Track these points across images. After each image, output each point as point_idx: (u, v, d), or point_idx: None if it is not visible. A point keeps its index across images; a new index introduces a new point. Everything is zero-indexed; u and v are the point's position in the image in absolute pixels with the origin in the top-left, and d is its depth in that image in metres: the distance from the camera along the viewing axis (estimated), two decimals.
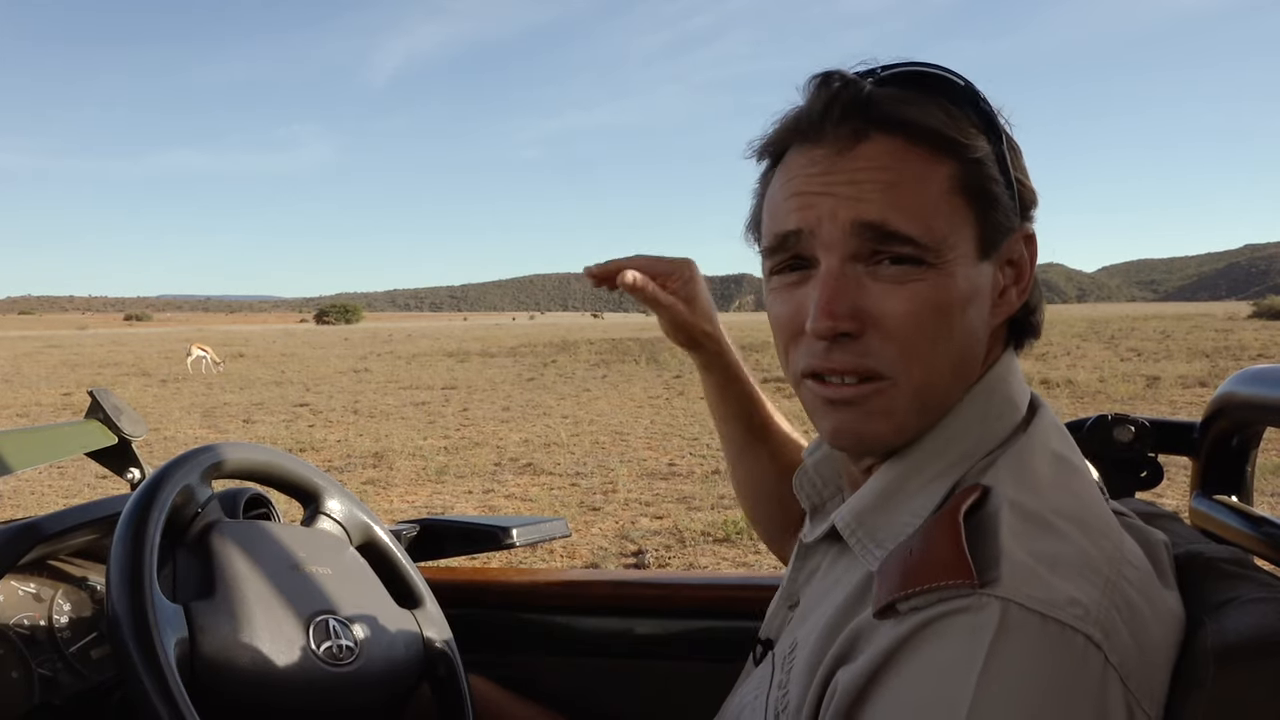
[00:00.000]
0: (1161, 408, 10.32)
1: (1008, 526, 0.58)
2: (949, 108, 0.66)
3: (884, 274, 0.64)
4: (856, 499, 0.70)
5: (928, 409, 0.67)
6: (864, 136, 0.65)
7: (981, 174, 0.66)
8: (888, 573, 0.61)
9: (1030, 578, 0.55)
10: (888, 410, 0.66)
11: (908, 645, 0.55)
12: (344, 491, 1.21)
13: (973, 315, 0.66)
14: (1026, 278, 0.69)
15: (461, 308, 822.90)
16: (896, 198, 0.63)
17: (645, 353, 23.38)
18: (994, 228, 0.66)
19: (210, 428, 10.95)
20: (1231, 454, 1.03)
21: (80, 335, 53.52)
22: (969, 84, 0.68)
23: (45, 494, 6.88)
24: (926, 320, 0.64)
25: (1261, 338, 22.40)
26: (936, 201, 0.64)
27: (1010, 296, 0.69)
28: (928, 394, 0.66)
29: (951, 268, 0.64)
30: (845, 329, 0.65)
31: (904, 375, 0.65)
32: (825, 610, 0.68)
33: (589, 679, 1.39)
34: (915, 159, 0.64)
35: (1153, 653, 0.57)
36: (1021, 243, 0.69)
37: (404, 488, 7.06)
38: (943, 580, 0.56)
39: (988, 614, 0.53)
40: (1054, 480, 0.63)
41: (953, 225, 0.65)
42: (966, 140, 0.65)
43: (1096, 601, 0.55)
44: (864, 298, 0.64)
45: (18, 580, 1.10)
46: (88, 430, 1.36)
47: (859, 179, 0.64)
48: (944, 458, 0.67)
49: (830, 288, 0.65)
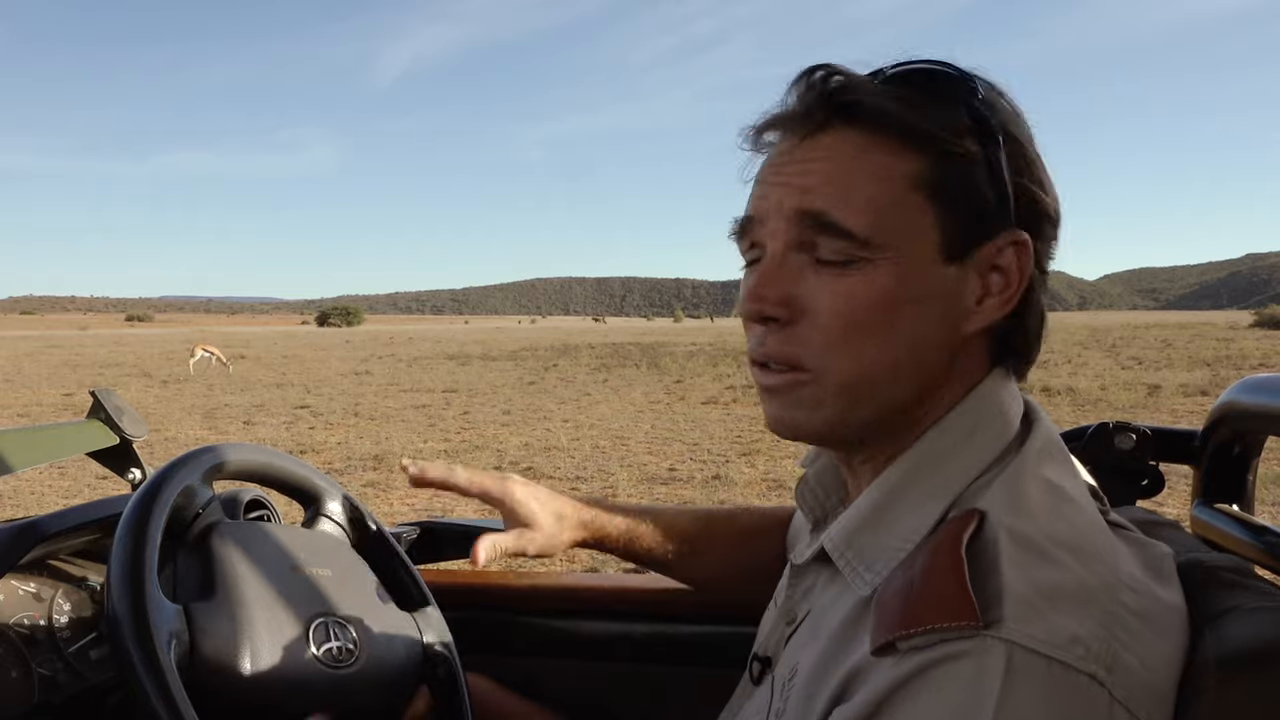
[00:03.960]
0: (1163, 416, 10.31)
1: (1007, 557, 0.57)
2: (932, 104, 0.64)
3: (822, 266, 0.64)
4: (846, 519, 0.69)
5: (860, 405, 0.65)
6: (827, 127, 0.65)
7: (955, 173, 0.63)
8: (887, 607, 0.59)
9: (1032, 616, 0.53)
10: (814, 402, 0.66)
11: (909, 687, 0.54)
12: (344, 493, 1.21)
13: (922, 317, 0.64)
14: (1014, 287, 0.66)
15: (463, 311, 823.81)
16: (844, 188, 0.63)
17: (646, 357, 23.39)
18: (965, 230, 0.64)
19: (211, 429, 10.95)
20: (1233, 463, 1.03)
21: (81, 335, 53.58)
22: (970, 82, 0.65)
23: (46, 494, 6.88)
24: (859, 315, 0.63)
25: (1263, 347, 22.39)
26: (891, 195, 0.63)
27: (989, 306, 0.66)
28: (857, 390, 0.65)
29: (898, 265, 0.63)
30: (771, 313, 0.65)
31: (828, 369, 0.65)
32: (821, 636, 0.67)
33: (588, 682, 1.39)
34: (875, 151, 0.64)
35: (1158, 671, 0.57)
36: (1011, 249, 0.65)
37: (404, 490, 7.06)
38: (945, 621, 0.54)
39: (993, 658, 0.52)
40: (1048, 504, 0.62)
41: (906, 222, 0.63)
42: (940, 136, 0.63)
43: (1096, 635, 0.54)
44: (801, 287, 0.65)
45: (18, 580, 1.11)
46: (89, 430, 1.36)
47: (811, 169, 0.65)
48: (934, 477, 0.66)
49: (763, 273, 0.66)
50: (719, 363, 20.73)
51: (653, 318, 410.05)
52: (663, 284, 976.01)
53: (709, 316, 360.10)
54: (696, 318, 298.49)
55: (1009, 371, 0.70)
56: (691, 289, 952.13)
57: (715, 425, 10.34)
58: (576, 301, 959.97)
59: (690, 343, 33.84)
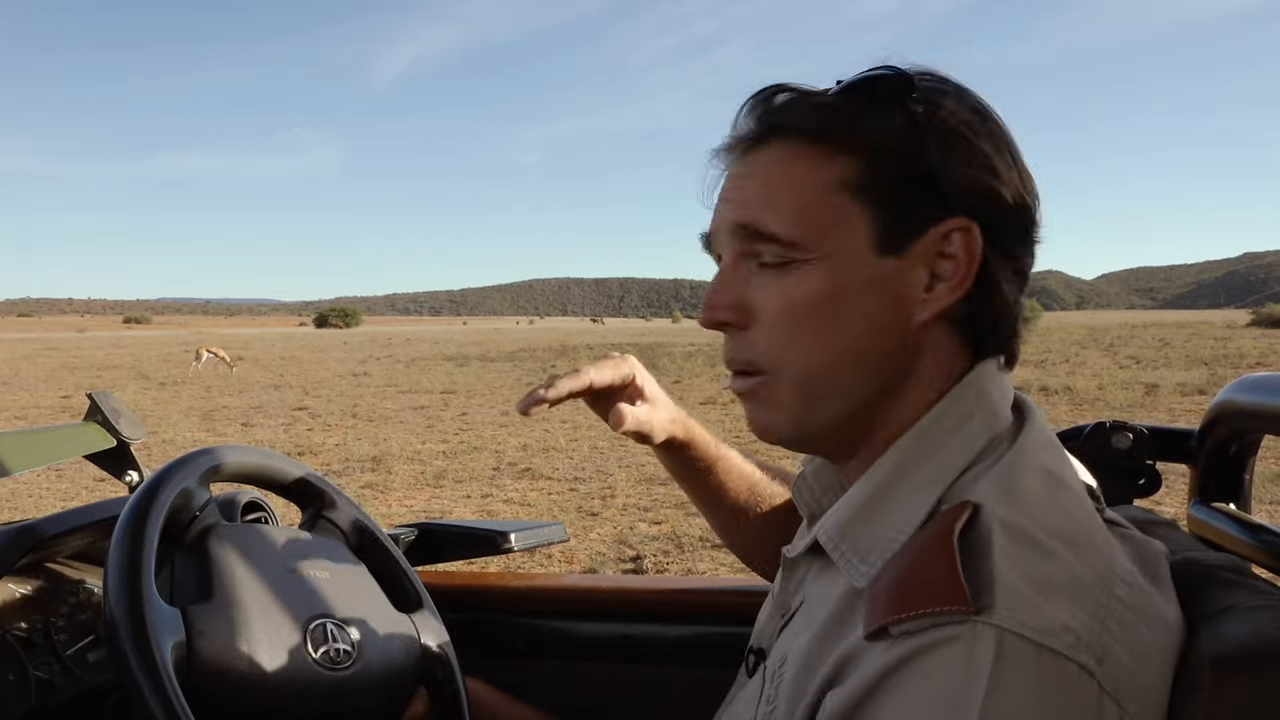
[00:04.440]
0: (1160, 415, 10.33)
1: (999, 547, 0.57)
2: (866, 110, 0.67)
3: (764, 271, 0.69)
4: (838, 510, 0.70)
5: (820, 400, 0.68)
6: (762, 142, 0.70)
7: (884, 171, 0.66)
8: (879, 593, 0.60)
9: (1024, 604, 0.54)
10: (774, 402, 0.70)
11: (901, 671, 0.55)
12: (342, 495, 1.21)
13: (865, 309, 0.66)
14: (961, 273, 0.67)
15: (461, 312, 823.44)
16: (769, 198, 0.68)
17: (644, 358, 23.33)
18: (896, 224, 0.66)
19: (209, 431, 10.94)
20: (1230, 461, 1.03)
21: (79, 337, 53.52)
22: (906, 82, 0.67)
23: (43, 496, 6.87)
24: (800, 313, 0.67)
25: (1260, 345, 22.43)
26: (815, 200, 0.67)
27: (939, 291, 0.67)
28: (811, 385, 0.68)
29: (830, 263, 0.66)
30: (723, 319, 0.70)
31: (780, 368, 0.68)
32: (812, 625, 0.68)
33: (587, 684, 1.39)
34: (801, 161, 0.68)
35: (1149, 668, 0.57)
36: (956, 235, 0.66)
37: (402, 492, 7.06)
38: (937, 605, 0.55)
39: (983, 643, 0.53)
40: (1043, 497, 0.62)
41: (832, 221, 0.66)
42: (865, 140, 0.66)
43: (1087, 626, 0.55)
44: (749, 293, 0.70)
45: (15, 582, 1.10)
46: (86, 433, 1.36)
47: (745, 184, 0.70)
48: (924, 468, 0.67)
49: (716, 283, 0.71)
50: (717, 363, 20.70)
51: (651, 318, 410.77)
52: (661, 285, 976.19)
53: None
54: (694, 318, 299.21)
55: (997, 363, 0.71)
56: (690, 290, 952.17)
57: (714, 425, 10.25)
58: (575, 302, 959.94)
59: (688, 343, 33.86)
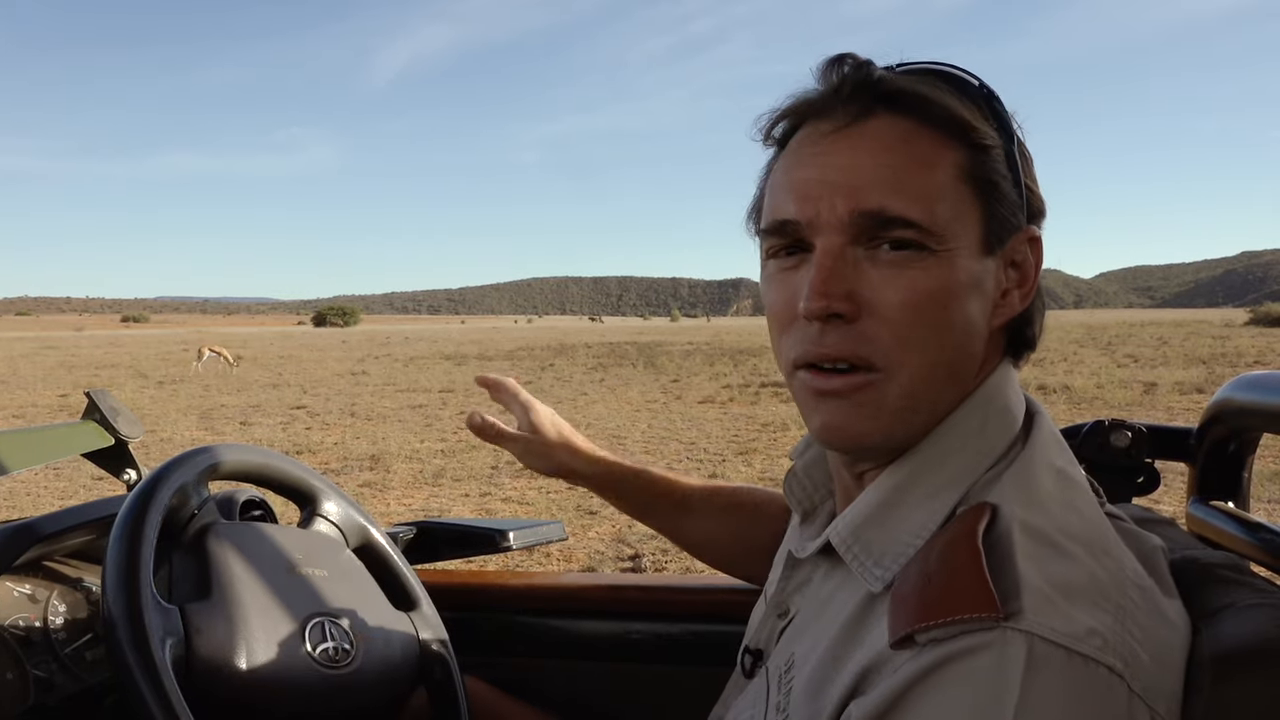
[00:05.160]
0: (1158, 414, 10.33)
1: (1021, 550, 0.56)
2: (962, 97, 0.65)
3: (883, 259, 0.62)
4: (852, 512, 0.68)
5: (918, 409, 0.65)
6: (871, 113, 0.64)
7: (991, 165, 0.64)
8: (904, 600, 0.59)
9: (1050, 609, 0.53)
10: (876, 404, 0.64)
11: (930, 679, 0.53)
12: (340, 494, 1.21)
13: (972, 310, 0.64)
14: (1030, 281, 0.68)
15: (459, 311, 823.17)
16: (899, 180, 0.62)
17: (643, 357, 23.39)
18: (1000, 222, 0.65)
19: (207, 429, 10.93)
20: (1228, 460, 1.03)
21: (77, 336, 53.47)
22: (984, 83, 0.67)
23: (41, 495, 6.86)
24: (925, 308, 0.62)
25: (1258, 344, 22.45)
26: (943, 186, 0.63)
27: (1013, 299, 0.67)
28: (919, 390, 0.64)
29: (953, 256, 0.62)
30: (839, 309, 0.62)
31: (897, 366, 0.63)
32: (825, 630, 0.66)
33: (585, 682, 1.39)
34: (923, 140, 0.63)
35: (1169, 668, 0.57)
36: (1026, 245, 0.67)
37: (401, 490, 7.06)
38: (965, 613, 0.54)
39: (1014, 649, 0.52)
40: (1058, 497, 0.62)
41: (958, 213, 0.63)
42: (976, 128, 0.64)
43: (1112, 629, 0.54)
44: (861, 282, 0.63)
45: (13, 581, 1.10)
46: (84, 431, 1.35)
47: (860, 161, 0.63)
48: (943, 471, 0.65)
49: (826, 268, 0.63)
50: (715, 362, 20.72)
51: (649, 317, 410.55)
52: (659, 283, 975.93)
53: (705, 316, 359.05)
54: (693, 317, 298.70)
55: (1012, 364, 0.71)
56: (688, 288, 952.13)
57: (712, 424, 10.34)
58: (573, 301, 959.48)
59: (687, 342, 33.86)
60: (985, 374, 0.68)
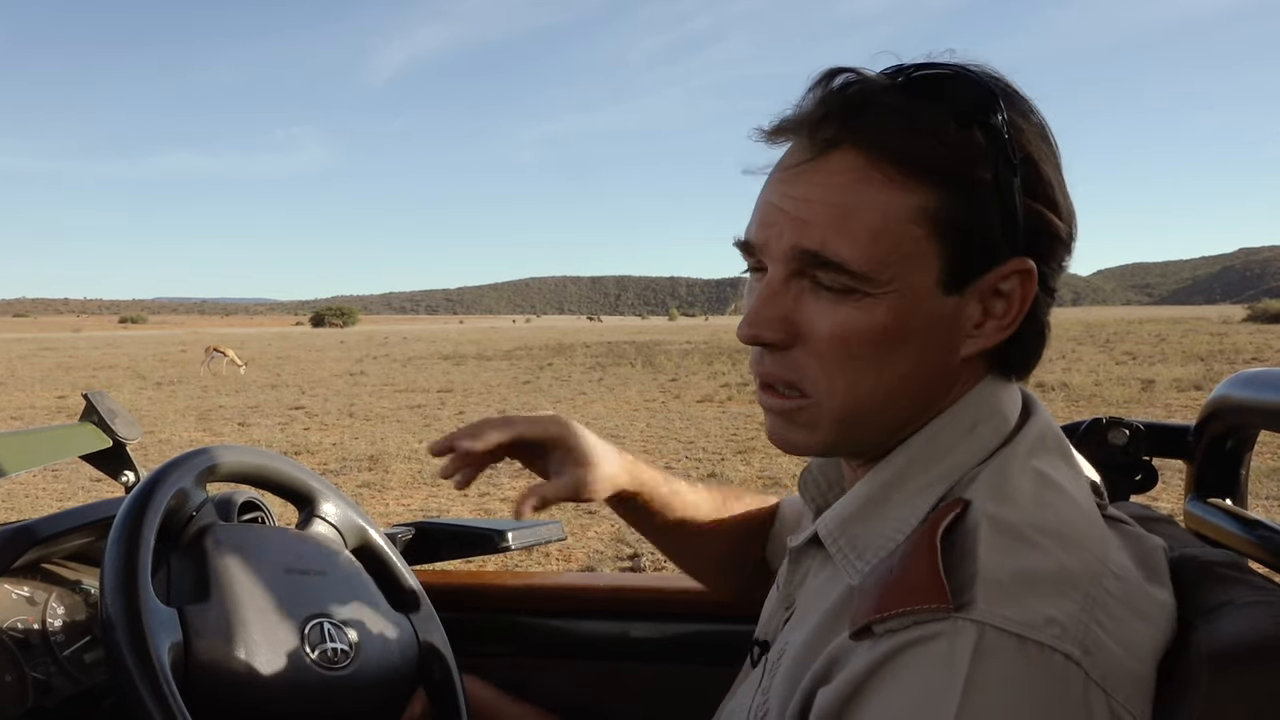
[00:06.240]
0: (1156, 411, 10.35)
1: (985, 543, 0.57)
2: (946, 127, 0.62)
3: (822, 293, 0.64)
4: (841, 506, 0.70)
5: (856, 428, 0.67)
6: (836, 145, 0.63)
7: (960, 204, 0.62)
8: (867, 592, 0.61)
9: (1005, 598, 0.54)
10: (810, 424, 0.67)
11: (883, 669, 0.55)
12: (339, 495, 1.21)
13: (919, 347, 0.64)
14: (1013, 313, 0.65)
15: (457, 311, 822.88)
16: (843, 222, 0.62)
17: (641, 356, 23.40)
18: (966, 262, 0.63)
19: (205, 430, 10.92)
20: (1226, 457, 1.03)
21: (75, 338, 53.42)
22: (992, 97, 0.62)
23: (39, 497, 6.85)
24: (855, 346, 0.63)
25: (1256, 341, 22.48)
26: (891, 229, 0.61)
27: (988, 329, 0.65)
28: (853, 415, 0.66)
29: (896, 298, 0.62)
30: (767, 339, 0.66)
31: (824, 395, 0.65)
32: (811, 620, 0.68)
33: (585, 682, 1.39)
34: (876, 181, 0.62)
35: (1140, 659, 0.57)
36: (1015, 278, 0.64)
37: (399, 491, 7.05)
38: (917, 604, 0.55)
39: (963, 638, 0.53)
40: (1034, 493, 0.62)
41: (905, 255, 0.62)
42: (946, 168, 0.61)
43: (1074, 617, 0.55)
44: (800, 313, 0.65)
45: (11, 583, 1.10)
46: (82, 433, 1.35)
47: (812, 196, 0.63)
48: (930, 470, 0.67)
49: (762, 298, 0.66)
50: (714, 361, 20.74)
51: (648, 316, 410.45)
52: (658, 283, 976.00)
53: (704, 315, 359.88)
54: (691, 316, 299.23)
55: (1009, 374, 0.70)
56: (686, 287, 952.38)
57: (711, 424, 10.35)
58: (571, 301, 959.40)
59: (685, 341, 33.87)
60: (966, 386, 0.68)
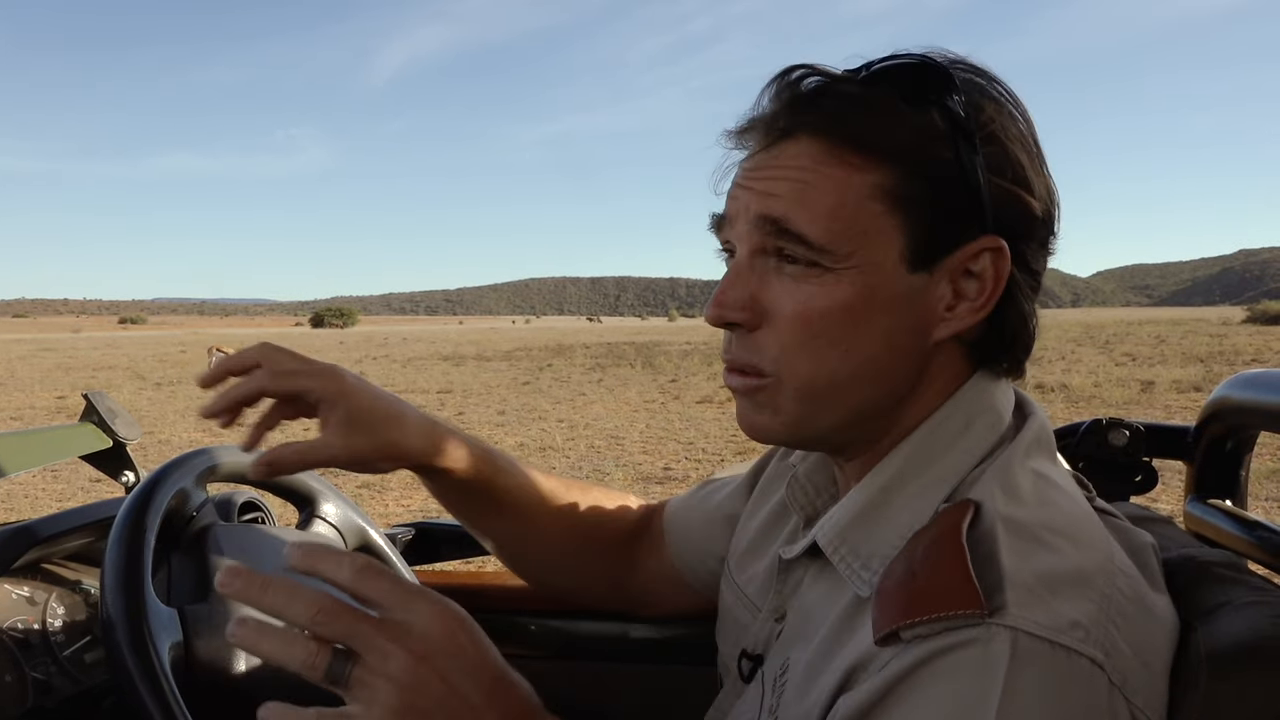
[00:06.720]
0: (1156, 412, 10.35)
1: (1005, 545, 0.57)
2: (902, 109, 0.63)
3: (785, 271, 0.65)
4: (839, 513, 0.69)
5: (821, 410, 0.66)
6: (790, 135, 0.65)
7: (920, 182, 0.63)
8: (889, 597, 0.59)
9: (1034, 602, 0.54)
10: (772, 406, 0.67)
11: (915, 676, 0.54)
12: (339, 495, 1.21)
13: (884, 325, 0.64)
14: (987, 293, 0.65)
15: (457, 311, 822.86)
16: (804, 196, 0.63)
17: (641, 357, 23.39)
18: (929, 239, 0.63)
19: (205, 431, 10.91)
20: (1226, 458, 1.03)
21: (74, 338, 53.39)
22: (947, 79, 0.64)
23: (39, 497, 6.85)
24: (817, 323, 0.64)
25: (1255, 342, 22.48)
26: (849, 206, 0.63)
27: (961, 311, 0.65)
28: (816, 395, 0.66)
29: (857, 274, 0.63)
30: (732, 319, 0.66)
31: (785, 374, 0.66)
32: (815, 631, 0.67)
33: (585, 682, 1.39)
34: (835, 161, 0.63)
35: (1151, 661, 0.58)
36: (986, 256, 0.64)
37: (399, 491, 7.05)
38: (949, 609, 0.54)
39: (998, 645, 0.52)
40: (1038, 493, 0.62)
41: (865, 231, 0.63)
42: (902, 147, 0.63)
43: (1094, 619, 0.55)
44: (765, 292, 0.66)
45: (11, 584, 1.10)
46: (82, 433, 1.35)
47: (775, 175, 0.65)
48: (927, 471, 0.66)
49: (728, 278, 0.67)
50: (713, 362, 20.71)
51: (647, 317, 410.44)
52: (657, 283, 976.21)
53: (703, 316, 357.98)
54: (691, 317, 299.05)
55: (999, 370, 0.70)
56: (686, 288, 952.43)
57: (710, 424, 10.34)
58: (571, 301, 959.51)
59: (685, 342, 33.86)
60: (952, 380, 0.68)
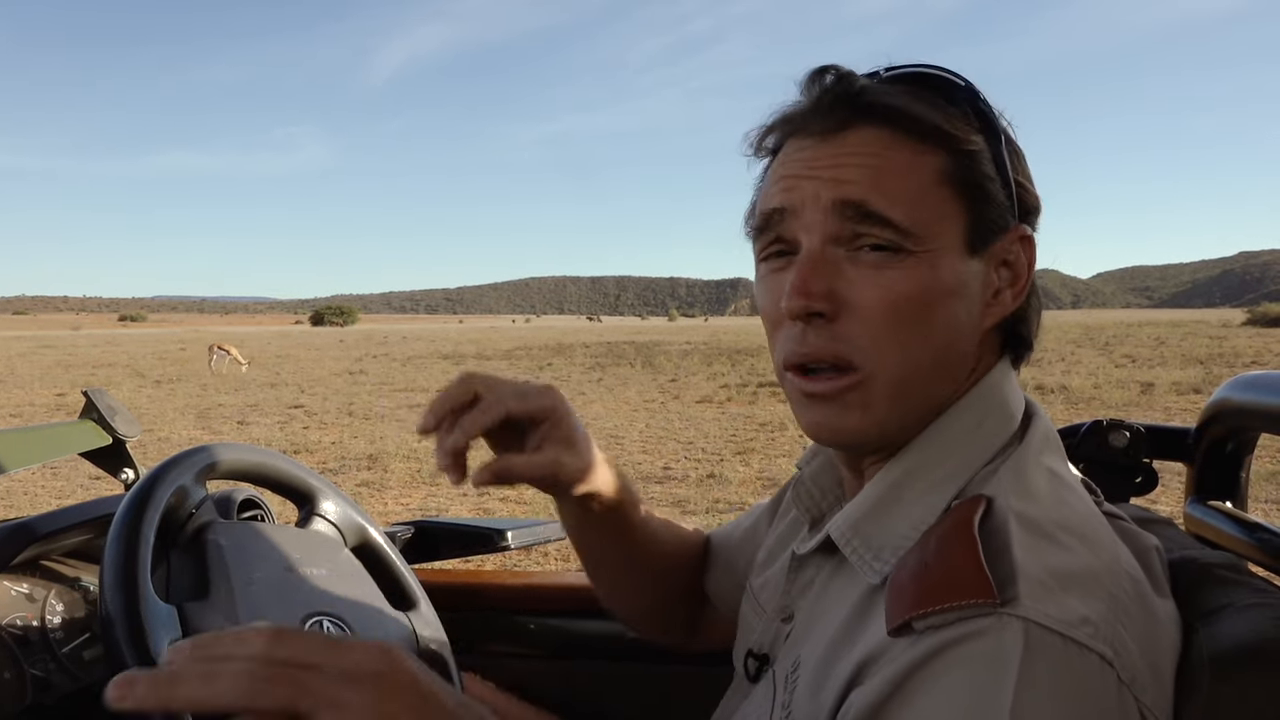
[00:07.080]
0: (1156, 414, 10.35)
1: (1017, 539, 0.57)
2: (943, 103, 0.66)
3: (864, 259, 0.64)
4: (852, 508, 0.69)
5: (907, 404, 0.66)
6: (851, 124, 0.66)
7: (973, 167, 0.66)
8: (902, 588, 0.59)
9: (1046, 595, 0.54)
10: (864, 404, 0.65)
11: (929, 666, 0.54)
12: (338, 493, 1.21)
13: (957, 310, 0.65)
14: (1023, 280, 0.68)
15: (457, 310, 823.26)
16: (880, 181, 0.63)
17: (641, 356, 23.40)
18: (985, 223, 0.66)
19: (204, 429, 10.92)
20: (1226, 460, 1.03)
21: (74, 336, 53.41)
22: (969, 84, 0.68)
23: (39, 494, 6.86)
24: (903, 309, 0.63)
25: (1255, 344, 22.48)
26: (922, 189, 0.64)
27: (1005, 298, 0.68)
28: (905, 387, 0.65)
29: (934, 258, 0.64)
30: (818, 308, 0.64)
31: (878, 365, 0.64)
32: (827, 628, 0.67)
33: (584, 682, 1.39)
34: (902, 147, 0.65)
35: (1157, 661, 0.58)
36: (1018, 244, 0.68)
37: (399, 490, 7.05)
38: (963, 599, 0.54)
39: (1011, 635, 0.52)
40: (1050, 493, 0.63)
41: (939, 215, 0.64)
42: (957, 133, 0.65)
43: (1104, 617, 0.55)
44: (842, 282, 0.64)
45: (11, 580, 1.10)
46: (82, 431, 1.35)
47: (844, 162, 0.65)
48: (941, 466, 0.66)
49: (806, 267, 0.64)
50: (713, 361, 20.73)
51: (647, 317, 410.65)
52: (657, 283, 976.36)
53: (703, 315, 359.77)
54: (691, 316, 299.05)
55: (1010, 363, 0.72)
56: (686, 288, 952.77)
57: (710, 424, 10.35)
58: (571, 301, 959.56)
59: (685, 341, 33.87)
60: (981, 372, 0.69)
